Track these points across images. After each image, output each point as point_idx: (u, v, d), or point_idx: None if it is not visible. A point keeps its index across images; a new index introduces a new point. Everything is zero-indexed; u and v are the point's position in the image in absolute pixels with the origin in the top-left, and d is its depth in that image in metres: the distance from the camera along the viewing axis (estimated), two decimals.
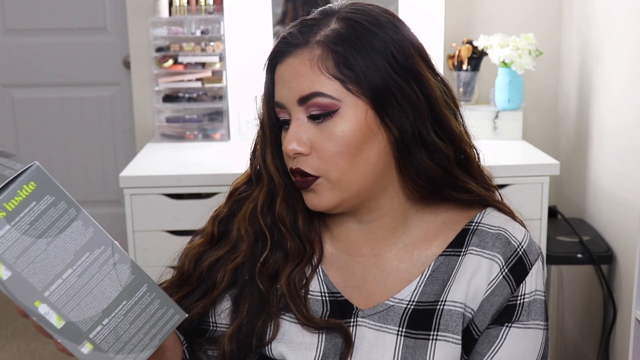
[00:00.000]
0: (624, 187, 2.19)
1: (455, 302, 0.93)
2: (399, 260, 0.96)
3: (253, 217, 0.98)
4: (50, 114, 3.31)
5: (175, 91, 2.59)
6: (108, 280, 0.78)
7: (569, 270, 2.29)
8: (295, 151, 0.89)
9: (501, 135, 2.47)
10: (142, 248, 2.15)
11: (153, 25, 2.57)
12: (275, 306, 0.96)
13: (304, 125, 0.90)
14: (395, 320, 0.93)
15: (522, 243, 0.95)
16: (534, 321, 0.94)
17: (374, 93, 0.88)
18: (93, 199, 3.36)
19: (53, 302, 0.75)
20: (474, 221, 0.97)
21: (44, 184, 0.73)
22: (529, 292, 0.94)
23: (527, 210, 2.14)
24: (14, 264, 0.73)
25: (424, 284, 0.94)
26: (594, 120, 2.42)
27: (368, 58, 0.88)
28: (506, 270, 0.93)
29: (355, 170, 0.89)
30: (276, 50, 0.92)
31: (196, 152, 2.45)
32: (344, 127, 0.88)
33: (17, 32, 3.25)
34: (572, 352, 2.36)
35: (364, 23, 0.89)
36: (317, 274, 0.98)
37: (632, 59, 2.14)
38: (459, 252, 0.95)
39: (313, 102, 0.88)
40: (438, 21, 2.55)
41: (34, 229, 0.73)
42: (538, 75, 2.61)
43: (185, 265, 1.01)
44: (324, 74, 0.88)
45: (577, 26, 2.55)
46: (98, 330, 0.78)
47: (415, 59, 0.91)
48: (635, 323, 1.53)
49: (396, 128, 0.89)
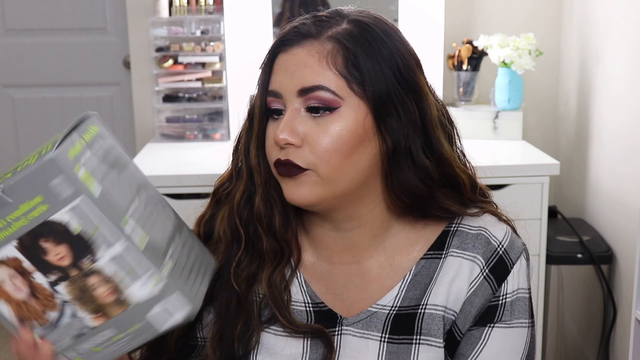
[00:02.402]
0: (624, 187, 2.19)
1: (435, 305, 0.92)
2: (380, 266, 0.95)
3: (230, 215, 0.96)
4: (50, 114, 3.31)
5: (175, 91, 2.59)
6: (163, 215, 0.86)
7: (569, 270, 2.29)
8: (287, 141, 0.87)
9: (501, 135, 2.47)
10: None
11: (153, 25, 2.57)
12: (258, 319, 0.94)
13: (300, 117, 0.88)
14: (378, 326, 0.93)
15: (502, 242, 0.93)
16: (517, 320, 0.93)
17: (376, 99, 0.87)
18: None
19: (137, 218, 0.78)
20: (454, 222, 0.95)
21: (104, 129, 0.82)
22: (511, 291, 0.93)
23: (527, 210, 2.17)
24: (103, 180, 0.77)
25: (405, 288, 0.94)
26: (594, 120, 2.42)
27: (376, 63, 0.87)
28: (487, 270, 0.92)
29: (344, 171, 0.88)
30: (285, 39, 0.90)
31: (196, 152, 2.45)
32: (341, 126, 0.87)
33: (17, 32, 3.25)
34: (572, 352, 2.36)
35: (375, 29, 0.89)
36: (299, 284, 0.97)
37: (632, 59, 2.14)
38: (440, 254, 0.94)
39: (315, 95, 0.87)
40: (438, 21, 2.55)
41: (106, 160, 0.79)
42: (538, 75, 2.61)
43: None
44: (332, 70, 0.87)
45: (577, 26, 2.55)
46: (169, 255, 0.82)
47: (418, 74, 0.91)
48: (635, 323, 1.53)
49: (390, 139, 0.88)
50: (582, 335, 2.35)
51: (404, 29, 2.57)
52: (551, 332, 2.34)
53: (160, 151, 2.48)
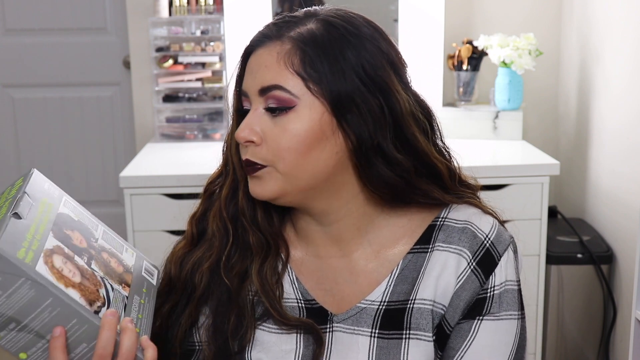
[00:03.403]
0: (624, 187, 2.19)
1: (424, 299, 0.93)
2: (367, 259, 0.96)
3: (219, 211, 0.99)
4: (50, 114, 3.31)
5: (175, 91, 2.59)
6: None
7: (569, 270, 2.29)
8: (246, 139, 0.90)
9: (501, 135, 2.47)
10: (142, 248, 2.14)
11: (153, 25, 2.57)
12: (251, 315, 0.95)
13: (260, 116, 0.91)
14: (368, 322, 0.94)
15: (488, 235, 0.94)
16: (505, 312, 0.93)
17: (333, 97, 0.88)
18: (93, 199, 3.36)
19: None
20: (440, 216, 0.96)
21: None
22: (499, 283, 0.93)
23: (527, 210, 2.17)
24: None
25: (393, 283, 0.95)
26: (594, 120, 2.42)
27: (335, 64, 0.88)
28: (474, 263, 0.93)
29: (303, 168, 0.90)
30: (252, 41, 0.93)
31: (196, 152, 2.45)
32: (297, 125, 0.89)
33: (17, 32, 3.25)
34: (572, 352, 2.36)
35: (340, 29, 0.90)
36: (290, 280, 0.98)
37: (632, 59, 2.14)
38: (427, 248, 0.95)
39: (272, 94, 0.89)
40: (438, 21, 2.55)
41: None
42: (538, 75, 2.61)
43: (171, 271, 1.01)
44: (288, 69, 0.89)
45: (577, 26, 2.55)
46: None
47: (387, 72, 0.91)
48: (635, 323, 1.53)
49: (354, 135, 0.89)
50: (582, 335, 2.35)
51: (404, 29, 2.58)
52: (551, 332, 2.34)
53: (160, 151, 2.48)
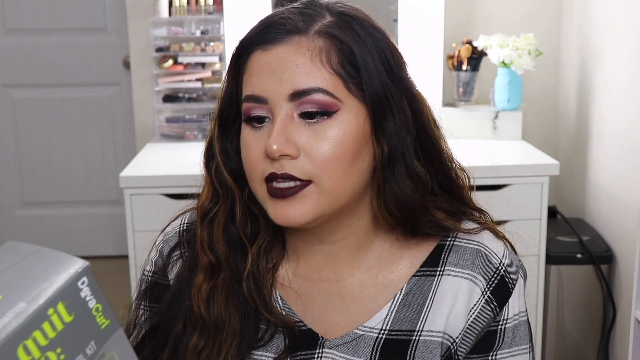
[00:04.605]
0: (624, 187, 2.19)
1: (432, 331, 0.83)
2: (362, 286, 0.86)
3: (219, 237, 0.87)
4: (50, 114, 3.31)
5: (175, 91, 2.60)
6: None
7: (569, 270, 2.29)
8: (282, 152, 0.75)
9: (501, 135, 2.47)
10: (142, 248, 2.14)
11: (153, 25, 2.57)
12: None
13: (293, 124, 0.77)
14: (366, 351, 0.83)
15: (502, 260, 0.84)
16: (518, 347, 0.85)
17: (374, 99, 0.78)
18: (93, 199, 3.36)
19: None
20: (450, 235, 0.86)
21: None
22: (512, 316, 0.84)
23: (526, 210, 2.17)
24: None
25: (396, 309, 0.84)
26: (594, 120, 2.42)
27: (370, 59, 0.77)
28: (488, 292, 0.83)
29: (347, 181, 0.78)
30: (266, 37, 0.79)
31: (196, 152, 2.40)
32: (340, 132, 0.76)
33: (17, 32, 3.25)
34: (572, 352, 2.36)
35: (363, 22, 0.79)
36: (275, 299, 0.87)
37: (632, 59, 2.14)
38: (434, 271, 0.85)
39: (310, 98, 0.76)
40: (438, 21, 2.55)
41: None
42: (538, 75, 2.61)
43: (203, 314, 0.85)
44: (326, 69, 0.76)
45: (577, 26, 2.55)
46: None
47: (406, 70, 0.82)
48: (635, 323, 1.53)
49: (387, 144, 0.79)
50: (582, 335, 2.35)
51: (404, 29, 2.58)
52: (551, 332, 2.34)
53: (160, 151, 2.48)
